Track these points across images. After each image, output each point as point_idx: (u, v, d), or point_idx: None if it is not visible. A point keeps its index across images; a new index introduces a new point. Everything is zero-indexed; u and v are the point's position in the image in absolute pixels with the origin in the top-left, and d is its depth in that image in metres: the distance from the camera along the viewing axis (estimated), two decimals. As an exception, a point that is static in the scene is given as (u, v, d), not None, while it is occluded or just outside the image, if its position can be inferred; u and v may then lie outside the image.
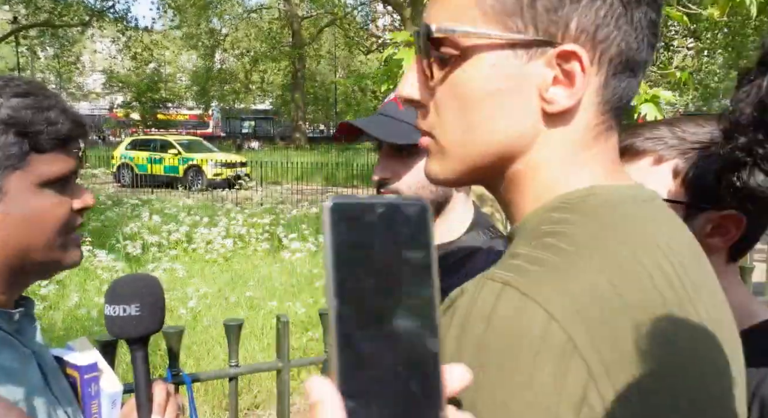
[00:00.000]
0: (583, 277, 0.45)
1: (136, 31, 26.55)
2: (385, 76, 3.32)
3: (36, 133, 0.79)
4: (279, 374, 1.89)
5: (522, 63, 0.51)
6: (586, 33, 0.50)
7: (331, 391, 0.33)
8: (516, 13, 0.50)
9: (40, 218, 0.80)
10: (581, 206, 0.51)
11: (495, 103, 0.53)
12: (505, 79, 0.52)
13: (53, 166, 0.81)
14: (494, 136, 0.54)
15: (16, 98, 0.78)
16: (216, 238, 6.81)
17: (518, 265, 0.47)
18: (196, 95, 37.54)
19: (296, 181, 13.33)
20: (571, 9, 0.50)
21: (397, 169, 1.16)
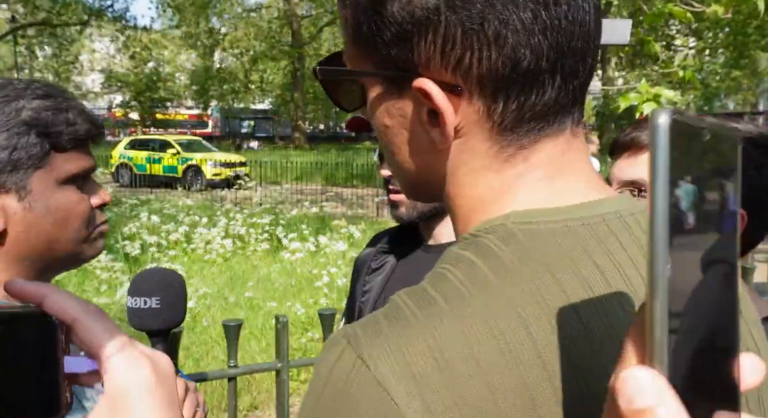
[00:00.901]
0: (433, 335, 0.40)
1: (135, 31, 26.58)
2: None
3: (56, 134, 0.83)
4: (278, 374, 1.88)
5: (396, 99, 0.49)
6: (434, 62, 0.45)
7: (666, 392, 0.24)
8: (372, 48, 0.48)
9: (63, 214, 0.85)
10: (481, 241, 0.46)
11: (391, 139, 0.52)
12: (389, 116, 0.51)
13: (73, 164, 0.86)
14: (405, 169, 0.53)
15: (37, 100, 0.83)
16: (215, 238, 6.80)
17: (375, 317, 0.44)
18: (195, 95, 37.55)
19: (296, 181, 13.33)
20: (407, 39, 0.46)
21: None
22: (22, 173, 0.81)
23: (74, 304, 0.39)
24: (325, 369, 0.42)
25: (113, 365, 0.38)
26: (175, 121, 40.30)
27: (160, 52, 34.34)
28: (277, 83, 36.86)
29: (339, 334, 0.44)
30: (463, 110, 0.47)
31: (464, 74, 0.45)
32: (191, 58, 37.69)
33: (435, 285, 0.44)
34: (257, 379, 3.83)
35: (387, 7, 0.46)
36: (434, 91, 0.46)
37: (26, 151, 0.81)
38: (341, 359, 0.42)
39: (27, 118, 0.81)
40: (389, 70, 0.48)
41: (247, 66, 33.13)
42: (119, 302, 4.81)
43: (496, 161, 0.48)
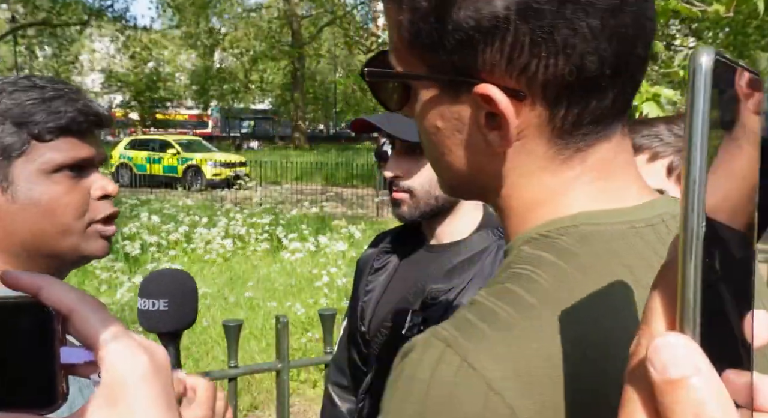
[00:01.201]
0: (536, 338, 0.41)
1: (135, 31, 26.57)
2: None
3: (34, 123, 0.81)
4: (278, 374, 1.88)
5: (453, 102, 0.49)
6: (499, 68, 0.46)
7: (703, 361, 0.23)
8: (429, 52, 0.48)
9: (49, 205, 0.82)
10: (558, 242, 0.46)
11: (442, 140, 0.52)
12: (442, 119, 0.51)
13: (61, 153, 0.83)
14: (454, 169, 0.53)
15: (19, 92, 0.82)
16: (215, 238, 6.80)
17: (468, 319, 0.43)
18: (195, 95, 37.54)
19: (296, 181, 13.32)
20: (473, 45, 0.45)
21: (409, 167, 1.17)
22: (2, 164, 0.80)
23: (71, 294, 0.39)
24: (423, 372, 0.42)
25: (109, 355, 0.38)
26: (175, 121, 40.30)
27: (160, 52, 34.33)
28: (277, 83, 36.84)
29: (428, 336, 0.44)
30: (524, 115, 0.47)
31: (529, 80, 0.46)
32: (191, 58, 37.69)
33: (524, 287, 0.44)
34: (257, 379, 3.83)
35: (453, 15, 0.45)
36: (498, 97, 0.46)
37: (2, 141, 0.80)
38: (443, 361, 0.41)
39: (2, 109, 0.80)
40: (447, 75, 0.48)
41: (247, 66, 33.10)
42: (119, 302, 4.81)
43: (553, 163, 0.49)
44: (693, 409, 0.22)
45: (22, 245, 0.82)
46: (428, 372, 0.41)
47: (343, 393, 1.39)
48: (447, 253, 1.20)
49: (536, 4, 0.44)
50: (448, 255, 1.19)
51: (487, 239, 1.19)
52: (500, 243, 1.19)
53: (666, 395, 0.23)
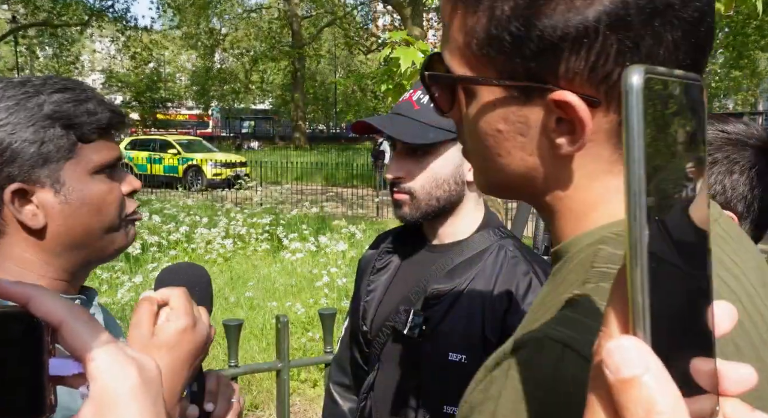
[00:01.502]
0: None
1: (136, 31, 26.56)
2: (385, 76, 3.31)
3: (80, 125, 0.84)
4: (279, 374, 1.88)
5: (520, 106, 0.50)
6: (580, 76, 0.46)
7: (652, 360, 0.24)
8: (504, 58, 0.48)
9: (97, 204, 0.86)
10: None
11: (501, 143, 0.52)
12: (504, 121, 0.51)
13: (100, 154, 0.87)
14: (508, 171, 0.53)
15: (57, 94, 0.84)
16: (216, 238, 6.80)
17: (576, 319, 0.44)
18: (196, 95, 37.54)
19: (296, 181, 13.32)
20: (556, 53, 0.46)
21: (411, 168, 1.17)
22: (54, 166, 0.82)
23: (60, 306, 0.38)
24: (542, 373, 0.43)
25: (98, 368, 0.38)
26: (176, 121, 40.30)
27: (160, 53, 34.30)
28: (278, 83, 36.86)
29: (540, 337, 0.44)
30: (596, 121, 0.47)
31: (608, 89, 0.46)
32: (192, 59, 37.70)
33: None
34: (257, 379, 3.83)
35: (539, 22, 0.46)
36: (577, 104, 0.46)
37: (54, 144, 0.82)
38: (565, 361, 0.42)
39: (49, 112, 0.82)
40: (520, 80, 0.48)
41: (248, 66, 33.11)
42: (119, 302, 4.81)
43: (617, 166, 0.50)
44: (644, 405, 0.24)
45: (71, 244, 0.85)
46: (549, 372, 0.42)
47: (344, 392, 1.39)
48: (448, 253, 1.20)
49: (628, 17, 0.44)
50: (450, 255, 1.19)
51: (488, 239, 1.19)
52: (501, 243, 1.19)
53: (620, 394, 0.24)
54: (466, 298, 1.14)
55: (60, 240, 0.84)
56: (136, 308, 0.74)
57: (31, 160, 0.80)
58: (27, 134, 0.80)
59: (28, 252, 0.83)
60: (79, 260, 0.87)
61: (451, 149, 1.16)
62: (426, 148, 1.14)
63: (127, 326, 0.97)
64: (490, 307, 1.12)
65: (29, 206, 0.82)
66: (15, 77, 0.87)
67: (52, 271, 0.85)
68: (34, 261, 0.83)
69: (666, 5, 0.44)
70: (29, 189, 0.81)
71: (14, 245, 0.83)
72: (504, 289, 1.12)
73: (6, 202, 0.80)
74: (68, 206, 0.83)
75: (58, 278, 0.86)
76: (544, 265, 1.18)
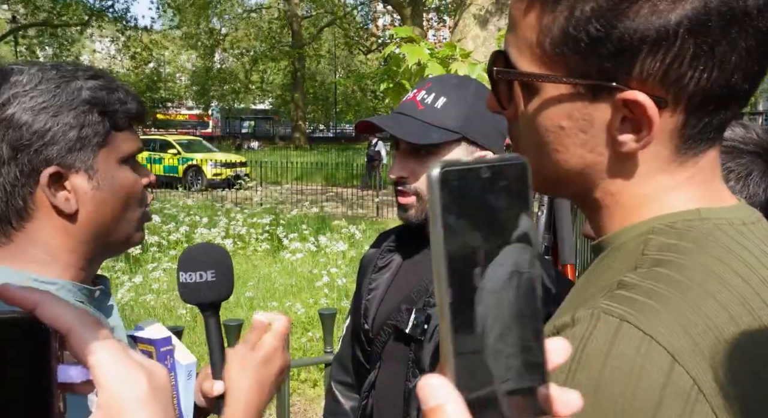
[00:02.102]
0: (704, 313, 0.44)
1: (136, 31, 26.56)
2: (385, 75, 3.30)
3: (113, 112, 0.84)
4: (280, 374, 1.88)
5: (586, 104, 0.51)
6: (653, 77, 0.48)
7: (452, 393, 0.29)
8: (578, 57, 0.49)
9: (125, 193, 0.86)
10: (690, 232, 0.50)
11: (561, 139, 0.53)
12: (568, 118, 0.52)
13: (128, 143, 0.87)
14: (563, 167, 0.55)
15: (91, 80, 0.83)
16: (216, 238, 6.79)
17: (632, 298, 0.45)
18: (196, 95, 37.55)
19: (296, 181, 13.32)
20: (633, 54, 0.47)
21: (415, 168, 1.17)
22: (89, 152, 0.81)
23: (68, 313, 0.38)
24: (597, 345, 0.43)
25: (106, 376, 0.37)
26: (176, 121, 40.30)
27: (160, 53, 34.31)
28: (278, 83, 36.87)
29: (596, 312, 0.45)
30: (662, 121, 0.49)
31: (678, 90, 0.48)
32: (192, 59, 37.70)
33: (675, 270, 0.47)
34: (258, 379, 3.82)
35: (620, 23, 0.47)
36: (648, 104, 0.47)
37: (93, 129, 0.81)
38: (622, 335, 0.43)
39: (87, 97, 0.81)
40: (591, 79, 0.49)
41: (248, 66, 33.13)
42: (120, 302, 4.80)
43: (671, 165, 0.52)
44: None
45: (98, 231, 0.84)
46: (605, 346, 0.43)
47: (346, 391, 1.39)
48: None
49: (709, 22, 0.45)
50: None
51: None
52: None
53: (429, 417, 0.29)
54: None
55: (89, 227, 0.83)
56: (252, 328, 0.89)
57: (69, 144, 0.79)
58: (69, 118, 0.79)
59: (57, 238, 0.82)
60: (101, 249, 0.87)
61: (455, 150, 1.15)
62: (430, 149, 1.14)
63: (128, 326, 0.97)
64: None
65: (63, 190, 0.81)
66: (42, 61, 0.85)
67: (75, 258, 0.84)
68: (61, 247, 0.82)
69: (744, 14, 0.46)
70: (64, 173, 0.80)
71: (41, 230, 0.81)
72: None
73: (42, 185, 0.79)
74: (100, 193, 0.83)
75: (81, 266, 0.85)
76: (547, 265, 1.18)
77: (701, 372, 0.41)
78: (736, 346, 0.43)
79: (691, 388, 0.41)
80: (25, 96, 0.78)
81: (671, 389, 0.41)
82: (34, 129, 0.77)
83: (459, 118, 1.13)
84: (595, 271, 0.55)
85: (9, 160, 0.77)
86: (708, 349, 0.42)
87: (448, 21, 25.08)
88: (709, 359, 0.42)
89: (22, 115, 0.77)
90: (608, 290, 0.48)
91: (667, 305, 0.44)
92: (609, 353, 0.43)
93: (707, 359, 0.42)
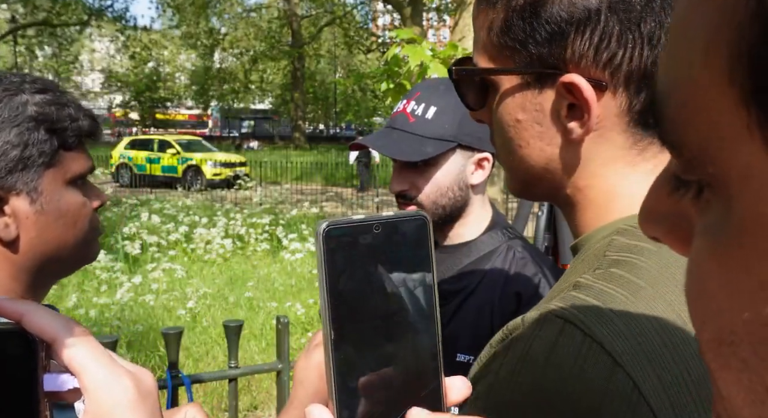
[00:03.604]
0: (651, 314, 0.43)
1: (135, 31, 26.56)
2: (384, 75, 3.30)
3: (62, 130, 0.77)
4: (279, 375, 1.87)
5: (535, 94, 0.53)
6: (586, 58, 0.49)
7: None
8: (522, 47, 0.52)
9: (72, 216, 0.79)
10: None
11: (521, 133, 0.55)
12: (522, 110, 0.54)
13: (78, 163, 0.80)
14: (528, 162, 0.56)
15: (38, 94, 0.76)
16: (215, 238, 6.79)
17: (581, 299, 0.45)
18: (195, 95, 37.52)
19: (296, 181, 13.31)
20: (564, 37, 0.49)
21: (414, 180, 1.17)
22: (33, 173, 0.75)
23: (54, 322, 0.38)
24: (541, 346, 0.44)
25: (93, 383, 0.37)
26: (175, 121, 40.28)
27: (159, 52, 34.32)
28: (277, 83, 36.84)
29: (543, 313, 0.46)
30: (604, 104, 0.50)
31: (613, 71, 0.49)
32: (191, 58, 37.68)
33: (630, 272, 0.47)
34: (257, 379, 3.82)
35: (546, 9, 0.49)
36: (583, 85, 0.49)
37: (37, 149, 0.74)
38: (564, 336, 0.43)
39: (34, 114, 0.74)
40: (535, 68, 0.52)
41: (247, 66, 33.09)
42: (119, 302, 4.80)
43: (630, 153, 0.52)
44: None
45: (42, 258, 0.78)
46: (548, 347, 0.43)
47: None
48: (456, 254, 1.19)
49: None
50: (458, 256, 1.19)
51: (496, 240, 1.19)
52: (509, 244, 1.19)
53: None
54: (474, 299, 1.14)
55: (31, 254, 0.77)
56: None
57: (10, 165, 0.73)
58: (11, 136, 0.73)
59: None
60: (47, 275, 0.81)
61: (452, 158, 1.16)
62: (427, 160, 1.14)
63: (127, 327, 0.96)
64: (498, 308, 1.11)
65: (1, 216, 0.74)
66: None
67: (19, 287, 0.77)
68: (4, 279, 0.76)
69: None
70: (4, 196, 0.73)
71: None
72: (512, 290, 1.12)
73: None
74: (44, 217, 0.76)
75: (24, 294, 0.79)
76: (552, 266, 1.17)
77: (643, 374, 0.41)
78: (682, 348, 0.42)
79: (632, 390, 0.41)
80: None
81: (612, 391, 0.41)
82: None
83: (452, 125, 1.13)
84: (566, 273, 0.55)
85: None
86: (652, 351, 0.42)
87: (448, 20, 25.08)
88: (652, 361, 0.41)
89: None
90: (565, 291, 0.48)
91: (614, 305, 0.44)
92: (551, 355, 0.43)
93: (651, 361, 0.41)
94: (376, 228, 0.33)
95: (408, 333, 0.34)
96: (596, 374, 0.41)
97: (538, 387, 0.42)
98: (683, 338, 0.43)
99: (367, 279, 0.33)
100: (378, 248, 0.33)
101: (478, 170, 1.18)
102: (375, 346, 0.34)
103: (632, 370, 0.41)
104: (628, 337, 0.42)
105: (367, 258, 0.33)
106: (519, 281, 1.13)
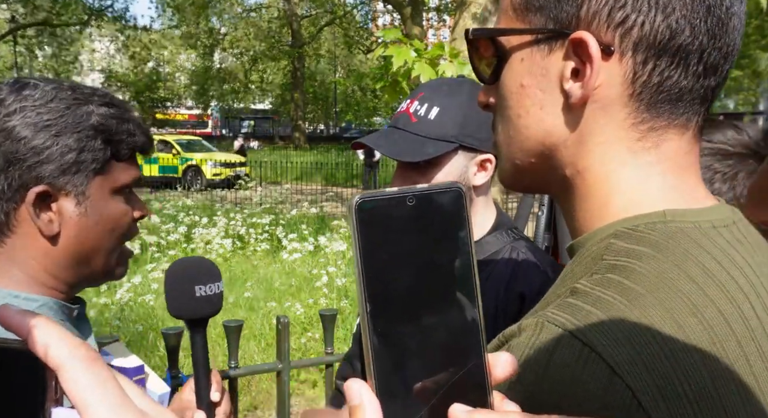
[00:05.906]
0: (649, 322, 0.42)
1: (135, 31, 26.56)
2: (381, 73, 3.30)
3: (118, 142, 0.85)
4: (279, 375, 1.87)
5: (543, 57, 0.52)
6: (599, 18, 0.48)
7: (369, 395, 0.32)
8: (535, 7, 0.52)
9: (111, 224, 0.85)
10: (650, 236, 0.48)
11: (521, 100, 0.54)
12: (529, 74, 0.53)
13: (126, 174, 0.87)
14: (527, 133, 0.54)
15: (104, 107, 0.84)
16: (215, 238, 6.78)
17: (578, 306, 0.44)
18: (195, 95, 37.52)
19: (296, 181, 13.32)
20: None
21: (416, 180, 1.17)
22: (83, 177, 0.81)
23: (61, 345, 0.31)
24: (538, 355, 0.43)
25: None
26: (175, 121, 40.27)
27: (159, 52, 34.32)
28: (277, 83, 36.84)
29: (539, 321, 0.45)
30: (609, 70, 0.49)
31: (623, 34, 0.48)
32: (191, 58, 37.67)
33: (628, 277, 0.45)
34: (257, 379, 3.82)
35: None
36: (591, 42, 0.48)
37: (92, 155, 0.81)
38: (562, 345, 0.42)
39: (95, 123, 0.82)
40: (547, 27, 0.51)
41: (247, 66, 33.11)
42: (119, 302, 4.80)
43: (630, 136, 0.51)
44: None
45: (77, 258, 0.83)
46: (545, 356, 0.42)
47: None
48: None
49: None
50: None
51: (501, 241, 1.19)
52: (514, 244, 1.18)
53: (352, 414, 0.32)
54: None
55: (68, 252, 0.82)
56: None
57: (64, 166, 0.79)
58: (70, 140, 0.79)
59: (36, 259, 0.81)
60: (81, 277, 0.86)
61: (454, 158, 1.15)
62: (429, 160, 1.13)
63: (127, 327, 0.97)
64: (502, 308, 1.11)
65: (48, 211, 0.80)
66: (63, 80, 0.87)
67: (54, 282, 0.83)
68: (39, 269, 0.82)
69: None
70: (53, 194, 0.80)
71: (21, 248, 0.81)
72: (517, 291, 1.11)
73: (27, 202, 0.78)
74: (85, 220, 0.82)
75: (60, 289, 0.84)
76: (556, 267, 1.17)
77: (641, 384, 0.40)
78: (682, 357, 0.41)
79: (631, 400, 0.40)
80: (32, 111, 0.78)
81: (610, 400, 0.40)
82: (31, 145, 0.78)
83: (454, 126, 1.13)
84: (563, 277, 0.54)
85: (0, 171, 0.77)
86: (651, 360, 0.41)
87: (448, 20, 25.07)
88: (651, 371, 0.40)
89: (23, 130, 0.78)
90: (562, 297, 0.47)
91: (612, 313, 0.43)
92: (548, 364, 0.42)
93: (650, 371, 0.40)
94: (410, 200, 0.32)
95: (446, 307, 0.33)
96: (594, 384, 0.40)
97: (534, 397, 0.42)
98: (683, 346, 0.42)
99: (402, 252, 0.32)
100: (412, 221, 0.32)
101: (481, 171, 1.17)
102: (412, 319, 0.32)
103: (630, 379, 0.40)
104: (626, 345, 0.41)
105: (402, 231, 0.32)
106: (523, 281, 1.12)
